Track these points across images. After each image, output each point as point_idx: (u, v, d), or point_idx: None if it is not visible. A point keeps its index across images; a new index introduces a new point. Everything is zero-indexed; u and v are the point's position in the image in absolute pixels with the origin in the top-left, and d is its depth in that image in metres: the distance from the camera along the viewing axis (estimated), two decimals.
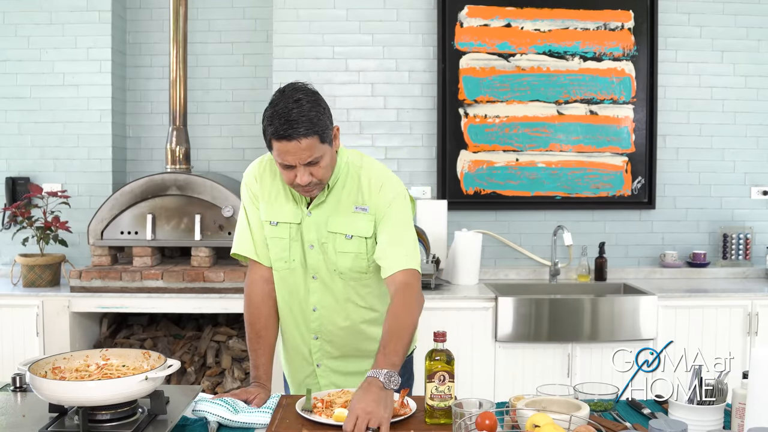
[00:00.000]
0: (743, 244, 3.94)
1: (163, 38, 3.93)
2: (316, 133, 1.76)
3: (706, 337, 3.42)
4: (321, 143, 1.78)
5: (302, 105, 1.75)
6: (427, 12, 3.88)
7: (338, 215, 1.92)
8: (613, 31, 3.89)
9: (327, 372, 2.05)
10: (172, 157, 3.68)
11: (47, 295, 3.41)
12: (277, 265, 1.99)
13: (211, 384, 3.54)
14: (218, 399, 1.76)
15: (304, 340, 2.04)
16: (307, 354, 2.04)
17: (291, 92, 1.78)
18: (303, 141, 1.74)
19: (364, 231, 1.91)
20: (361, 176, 1.93)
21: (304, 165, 1.79)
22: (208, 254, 3.56)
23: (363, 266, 1.95)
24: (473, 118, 3.88)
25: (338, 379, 2.04)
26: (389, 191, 1.92)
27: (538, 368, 3.36)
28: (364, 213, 1.92)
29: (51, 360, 1.67)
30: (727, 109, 3.98)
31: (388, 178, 1.95)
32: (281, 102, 1.76)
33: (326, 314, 1.99)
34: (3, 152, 3.89)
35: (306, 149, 1.75)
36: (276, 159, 1.81)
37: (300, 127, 1.73)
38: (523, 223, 3.97)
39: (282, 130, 1.73)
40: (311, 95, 1.79)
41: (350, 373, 2.02)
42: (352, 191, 1.93)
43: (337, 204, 1.93)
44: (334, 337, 2.01)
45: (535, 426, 1.43)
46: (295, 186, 1.84)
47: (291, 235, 1.94)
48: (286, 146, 1.75)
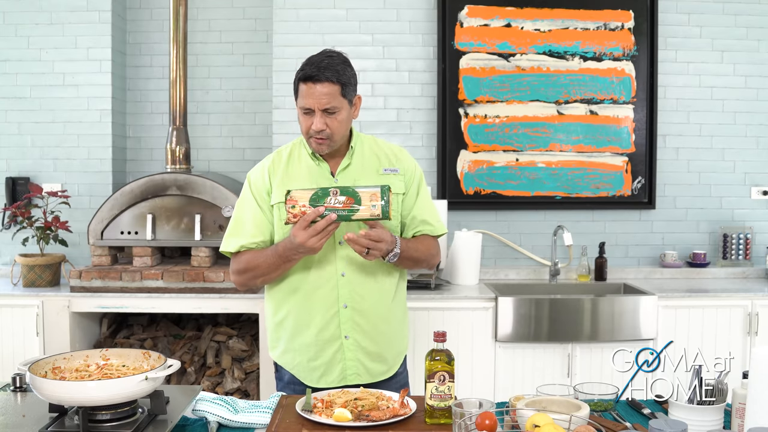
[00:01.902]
0: (743, 244, 3.94)
1: (163, 38, 3.93)
2: (340, 82, 1.95)
3: (706, 337, 3.42)
4: (341, 96, 1.96)
5: (333, 59, 1.98)
6: (427, 12, 3.88)
7: (366, 178, 2.06)
8: (613, 31, 3.89)
9: (355, 348, 2.04)
10: (172, 157, 3.68)
11: (47, 295, 3.41)
12: None
13: (211, 384, 3.54)
14: (218, 399, 1.76)
15: (330, 314, 2.03)
16: (335, 327, 2.04)
17: (325, 51, 2.02)
18: (326, 86, 1.93)
19: (396, 188, 2.07)
20: (371, 145, 2.13)
21: (322, 111, 1.94)
22: (208, 254, 3.56)
23: (393, 225, 2.06)
24: (473, 118, 3.88)
25: (365, 358, 2.05)
26: (410, 157, 2.17)
27: (538, 368, 3.36)
28: (395, 174, 2.10)
29: (51, 360, 1.68)
30: (727, 109, 3.98)
31: (399, 147, 2.19)
32: (316, 55, 2.00)
33: (355, 279, 2.02)
34: (3, 152, 3.89)
35: (326, 94, 1.94)
36: (299, 104, 1.98)
37: (328, 71, 1.94)
38: (523, 223, 3.97)
39: (309, 71, 1.94)
40: (343, 57, 2.02)
41: (375, 354, 2.05)
42: (372, 158, 2.10)
43: (362, 168, 2.07)
44: (363, 303, 2.03)
45: (535, 426, 1.43)
46: (310, 135, 1.99)
47: None
48: (311, 88, 1.94)
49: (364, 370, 2.06)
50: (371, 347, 2.06)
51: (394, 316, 2.11)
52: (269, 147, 3.90)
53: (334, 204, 1.87)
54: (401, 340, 2.17)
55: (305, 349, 2.07)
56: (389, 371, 2.12)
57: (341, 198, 1.87)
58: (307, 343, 2.06)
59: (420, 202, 2.13)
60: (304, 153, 2.09)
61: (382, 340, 2.08)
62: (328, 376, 2.06)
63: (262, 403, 1.81)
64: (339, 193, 1.88)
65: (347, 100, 1.98)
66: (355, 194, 1.88)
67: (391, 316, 2.10)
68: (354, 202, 1.87)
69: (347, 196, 1.87)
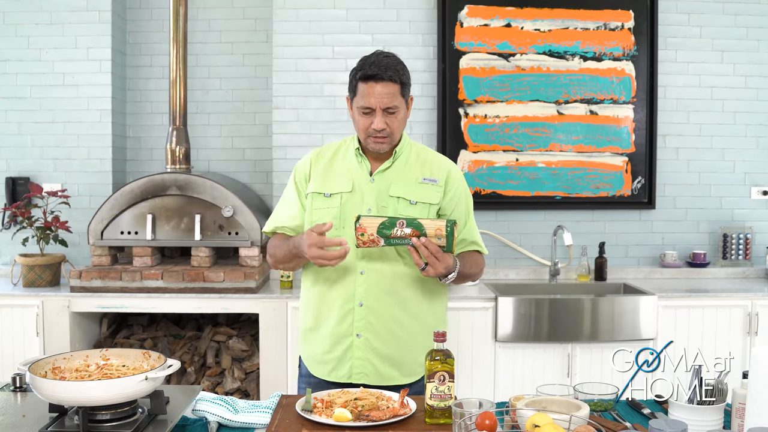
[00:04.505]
0: (743, 244, 3.94)
1: (163, 38, 3.93)
2: (401, 82, 1.99)
3: (706, 337, 3.42)
4: (401, 96, 2.00)
5: (391, 58, 2.02)
6: (427, 12, 3.88)
7: (402, 184, 2.07)
8: (613, 31, 3.89)
9: (365, 347, 2.04)
10: (172, 157, 3.68)
11: (47, 295, 3.41)
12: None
13: (211, 384, 3.54)
14: (218, 399, 1.76)
15: (345, 310, 2.04)
16: (348, 324, 2.05)
17: (380, 52, 2.04)
18: (389, 85, 1.96)
19: (431, 198, 2.08)
20: (420, 152, 2.14)
21: (383, 110, 1.97)
22: (208, 254, 3.56)
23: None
24: (473, 118, 3.88)
25: (375, 359, 2.04)
26: (459, 175, 2.17)
27: (538, 368, 3.36)
28: (434, 184, 2.10)
29: (51, 360, 1.68)
30: (727, 109, 3.98)
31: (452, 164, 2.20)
32: (371, 57, 2.01)
33: (373, 278, 2.03)
34: (3, 152, 3.89)
35: (388, 94, 1.97)
36: (358, 103, 2.00)
37: (389, 70, 1.96)
38: (523, 223, 3.97)
39: (372, 70, 1.96)
40: (398, 57, 2.05)
41: (387, 357, 2.04)
42: (416, 165, 2.11)
43: (401, 174, 2.08)
44: (378, 303, 2.03)
45: (535, 426, 1.43)
46: (369, 134, 2.01)
47: (342, 202, 2.05)
48: (373, 87, 1.96)
49: (373, 371, 2.04)
50: (383, 349, 2.04)
51: (418, 324, 2.07)
52: (269, 147, 3.90)
53: (400, 234, 1.89)
54: (423, 351, 1.98)
55: (321, 342, 2.09)
56: (405, 378, 2.07)
57: (407, 230, 1.88)
58: (323, 336, 2.09)
59: (470, 224, 2.17)
60: (351, 150, 2.12)
61: (395, 344, 2.05)
62: (338, 371, 2.06)
63: (262, 403, 1.81)
64: (405, 225, 1.89)
65: (405, 99, 2.03)
66: (420, 226, 1.88)
67: (412, 323, 2.06)
68: (419, 234, 1.88)
69: (413, 228, 1.88)
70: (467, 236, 2.16)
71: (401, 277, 2.06)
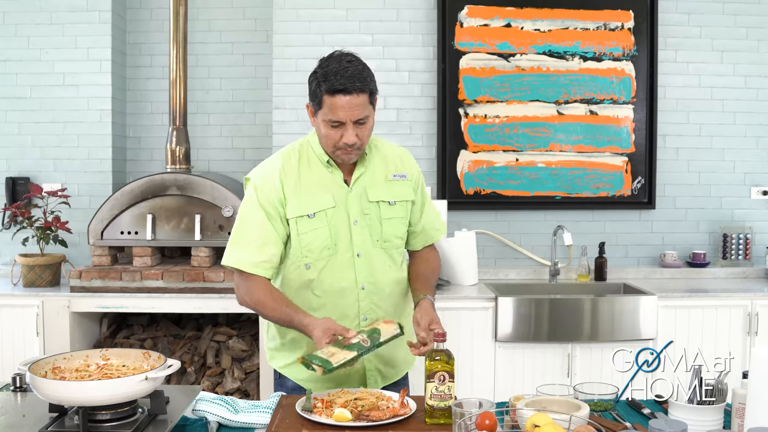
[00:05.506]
0: (743, 244, 3.94)
1: (163, 38, 3.93)
2: (369, 91, 1.86)
3: (706, 337, 3.42)
4: (369, 104, 1.88)
5: (356, 65, 1.86)
6: (427, 12, 3.88)
7: (376, 186, 2.00)
8: (613, 31, 3.89)
9: (373, 356, 2.00)
10: (172, 157, 3.68)
11: (47, 295, 3.41)
12: (322, 254, 1.95)
13: (211, 384, 3.54)
14: (218, 399, 1.76)
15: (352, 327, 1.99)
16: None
17: (341, 55, 1.88)
18: (358, 96, 1.83)
19: (406, 195, 2.03)
20: (380, 148, 2.06)
21: (353, 123, 1.86)
22: (208, 254, 3.56)
23: (403, 231, 2.04)
24: (473, 118, 3.88)
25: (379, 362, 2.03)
26: (413, 161, 2.11)
27: (538, 368, 3.36)
28: (404, 179, 2.04)
29: (51, 360, 1.68)
30: (726, 109, 3.98)
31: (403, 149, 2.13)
32: (332, 62, 1.86)
33: (374, 290, 1.99)
34: (3, 152, 3.89)
35: (359, 105, 1.84)
36: (325, 116, 1.86)
37: (356, 81, 1.83)
38: (523, 223, 3.97)
39: (339, 84, 1.81)
40: (360, 59, 1.90)
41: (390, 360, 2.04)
42: (380, 163, 2.03)
43: (372, 175, 2.01)
44: (379, 310, 2.01)
45: (535, 426, 1.43)
46: (338, 148, 1.90)
47: (328, 220, 1.94)
48: (341, 101, 1.82)
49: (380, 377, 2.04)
50: (386, 353, 2.02)
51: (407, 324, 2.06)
52: (269, 147, 3.90)
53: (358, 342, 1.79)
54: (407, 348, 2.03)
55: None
56: (396, 375, 2.11)
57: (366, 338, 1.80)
58: None
59: (426, 209, 2.11)
60: (314, 159, 1.99)
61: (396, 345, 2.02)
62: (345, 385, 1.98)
63: (262, 403, 1.81)
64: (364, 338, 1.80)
65: (373, 106, 1.91)
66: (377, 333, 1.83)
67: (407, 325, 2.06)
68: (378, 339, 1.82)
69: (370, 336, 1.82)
70: (425, 224, 2.11)
71: (399, 286, 2.07)
